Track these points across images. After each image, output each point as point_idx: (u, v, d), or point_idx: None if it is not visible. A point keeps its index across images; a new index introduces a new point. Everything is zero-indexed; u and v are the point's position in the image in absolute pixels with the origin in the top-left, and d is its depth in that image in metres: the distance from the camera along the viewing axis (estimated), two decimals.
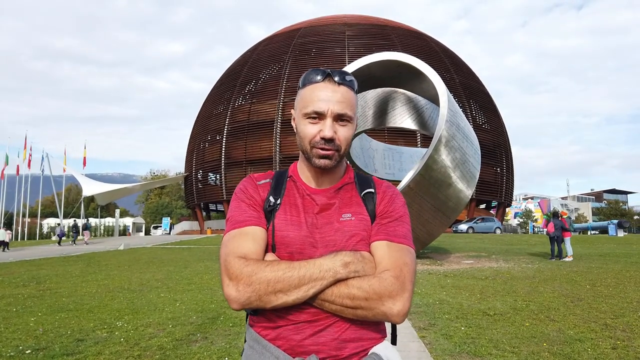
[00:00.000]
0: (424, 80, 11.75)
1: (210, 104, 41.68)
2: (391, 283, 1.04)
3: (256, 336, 1.12)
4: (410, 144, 29.16)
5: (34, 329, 5.11)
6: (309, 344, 1.06)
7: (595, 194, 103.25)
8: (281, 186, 1.21)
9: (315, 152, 1.13)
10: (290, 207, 1.17)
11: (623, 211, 70.62)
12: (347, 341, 1.07)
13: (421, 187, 10.31)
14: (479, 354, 4.04)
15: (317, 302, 1.05)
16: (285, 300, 1.03)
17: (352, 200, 1.19)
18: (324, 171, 1.18)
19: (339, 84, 1.14)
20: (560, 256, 13.62)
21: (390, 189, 1.24)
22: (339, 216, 1.15)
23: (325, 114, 1.12)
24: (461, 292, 7.40)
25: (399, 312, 1.04)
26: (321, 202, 1.17)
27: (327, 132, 1.11)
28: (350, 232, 1.14)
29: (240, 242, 1.10)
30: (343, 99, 1.13)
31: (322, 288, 1.03)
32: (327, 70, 1.15)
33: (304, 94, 1.16)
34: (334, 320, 1.07)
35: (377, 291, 1.03)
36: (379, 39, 37.18)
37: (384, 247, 1.12)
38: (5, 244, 22.93)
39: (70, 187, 66.28)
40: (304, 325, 1.07)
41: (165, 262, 13.27)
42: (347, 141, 1.15)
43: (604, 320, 5.33)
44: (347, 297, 1.03)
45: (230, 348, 4.25)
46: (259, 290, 1.02)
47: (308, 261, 1.06)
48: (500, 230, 34.88)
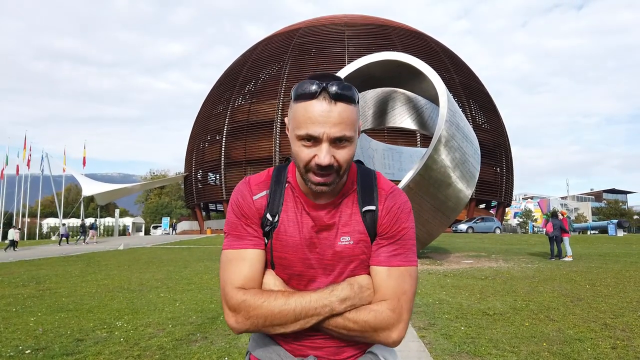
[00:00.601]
0: (424, 80, 11.76)
1: (210, 104, 41.67)
2: (387, 317, 1.05)
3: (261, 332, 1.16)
4: (410, 144, 29.17)
5: (34, 329, 5.11)
6: (308, 348, 1.10)
7: (595, 194, 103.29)
8: (279, 199, 1.14)
9: (310, 177, 1.04)
10: (288, 224, 1.12)
11: (623, 211, 70.65)
12: (344, 346, 1.10)
13: (421, 187, 10.31)
14: (478, 354, 4.04)
15: (315, 326, 1.07)
16: (283, 331, 1.06)
17: (351, 218, 1.12)
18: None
19: (336, 102, 1.00)
20: (559, 256, 13.63)
21: (394, 201, 1.13)
22: (337, 239, 1.11)
23: (320, 139, 1.00)
24: (461, 292, 7.40)
25: (394, 342, 1.07)
26: (320, 222, 1.12)
27: (323, 159, 1.00)
28: (348, 257, 1.11)
29: (238, 269, 1.10)
30: (340, 119, 1.00)
31: (319, 322, 1.05)
32: (322, 84, 1.01)
33: (296, 111, 1.03)
34: (331, 337, 1.10)
35: (372, 325, 1.05)
36: (379, 39, 37.18)
37: (382, 273, 1.09)
38: (14, 243, 23.30)
39: (70, 187, 66.25)
40: (304, 336, 1.09)
41: (165, 262, 13.27)
42: (348, 162, 1.05)
43: (603, 320, 5.33)
44: (343, 328, 1.05)
45: (230, 348, 4.25)
46: (257, 324, 1.05)
47: (304, 295, 1.05)
48: (500, 230, 34.89)
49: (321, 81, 1.01)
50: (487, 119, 39.40)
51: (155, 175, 72.72)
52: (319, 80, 1.02)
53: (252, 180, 1.18)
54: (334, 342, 1.09)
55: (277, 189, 1.15)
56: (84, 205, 43.46)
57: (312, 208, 1.12)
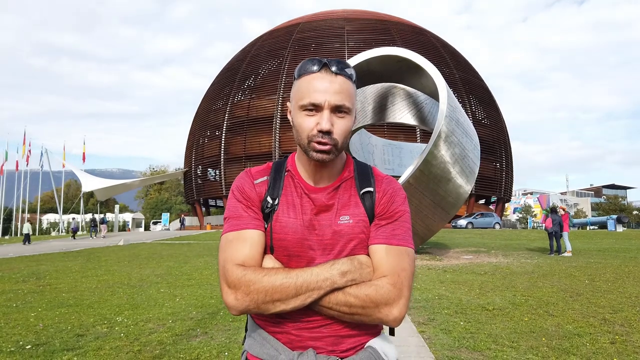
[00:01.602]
0: (424, 76, 11.73)
1: (210, 100, 41.58)
2: (388, 291, 1.06)
3: (257, 327, 1.15)
4: (409, 140, 29.13)
5: (34, 324, 5.13)
6: (307, 339, 1.08)
7: (595, 189, 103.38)
8: (279, 184, 1.18)
9: (312, 146, 1.09)
10: (288, 207, 1.15)
11: (622, 206, 70.67)
12: (344, 337, 1.10)
13: (420, 182, 10.32)
14: (478, 349, 4.06)
15: (315, 308, 1.07)
16: (283, 309, 1.05)
17: (350, 200, 1.16)
18: (323, 165, 1.15)
19: (337, 74, 1.09)
20: (559, 251, 13.65)
21: (390, 185, 1.20)
22: (337, 219, 1.13)
23: (322, 106, 1.08)
24: (460, 287, 7.41)
25: (395, 318, 1.06)
26: (319, 203, 1.14)
27: (325, 124, 1.07)
28: (348, 236, 1.12)
29: (238, 248, 1.10)
30: (341, 89, 1.09)
31: (319, 297, 1.05)
32: (324, 60, 1.11)
33: (299, 85, 1.12)
34: (331, 321, 1.09)
35: (374, 299, 1.05)
36: (379, 34, 37.03)
37: (381, 251, 1.11)
38: (28, 237, 24.10)
39: (69, 182, 66.25)
40: (303, 322, 1.09)
41: (165, 258, 13.29)
42: (346, 134, 1.11)
43: (602, 315, 5.35)
44: (345, 304, 1.05)
45: (230, 343, 4.27)
46: (257, 300, 1.04)
47: (305, 270, 1.06)
48: (500, 226, 34.92)
49: (322, 59, 1.12)
50: (486, 114, 39.34)
51: (154, 171, 72.70)
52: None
53: (252, 169, 1.23)
54: (333, 331, 1.09)
55: (277, 176, 1.19)
56: (84, 201, 43.45)
57: (312, 191, 1.16)
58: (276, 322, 1.10)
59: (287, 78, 35.03)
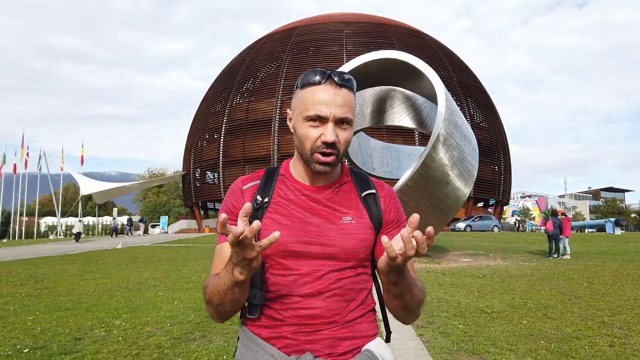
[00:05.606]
0: (422, 79, 11.75)
1: (208, 103, 41.58)
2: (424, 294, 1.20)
3: (250, 335, 1.13)
4: (408, 143, 29.13)
5: (32, 327, 5.10)
6: (304, 342, 1.07)
7: (593, 192, 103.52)
8: (270, 184, 1.18)
9: (316, 157, 1.11)
10: (279, 205, 1.15)
11: (620, 209, 70.70)
12: (341, 339, 1.09)
13: (419, 185, 10.32)
14: (476, 352, 4.05)
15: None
16: (222, 305, 1.06)
17: (352, 202, 1.18)
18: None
19: (340, 87, 1.11)
20: (558, 254, 13.66)
21: (390, 191, 1.24)
22: (339, 218, 1.14)
23: (327, 118, 1.10)
24: (459, 290, 7.41)
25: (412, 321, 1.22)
26: (318, 201, 1.15)
27: (330, 136, 1.09)
28: (350, 234, 1.13)
29: (215, 263, 1.15)
30: (344, 102, 1.11)
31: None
32: (328, 72, 1.12)
33: (303, 96, 1.13)
34: (329, 320, 1.09)
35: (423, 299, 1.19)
36: (377, 38, 37.10)
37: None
38: (79, 234, 27.50)
39: (68, 185, 66.06)
40: (300, 326, 1.08)
41: (164, 261, 13.26)
42: (347, 144, 1.14)
43: (601, 318, 5.35)
44: (422, 291, 1.17)
45: (228, 347, 4.25)
46: (212, 301, 1.07)
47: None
48: (498, 229, 34.94)
49: (326, 71, 1.14)
50: (485, 117, 39.40)
51: (153, 174, 72.56)
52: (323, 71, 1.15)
53: (242, 177, 1.25)
54: (330, 333, 1.08)
55: (268, 179, 1.21)
56: (82, 204, 43.37)
57: (309, 191, 1.18)
58: (271, 328, 1.10)
59: (285, 81, 35.05)
